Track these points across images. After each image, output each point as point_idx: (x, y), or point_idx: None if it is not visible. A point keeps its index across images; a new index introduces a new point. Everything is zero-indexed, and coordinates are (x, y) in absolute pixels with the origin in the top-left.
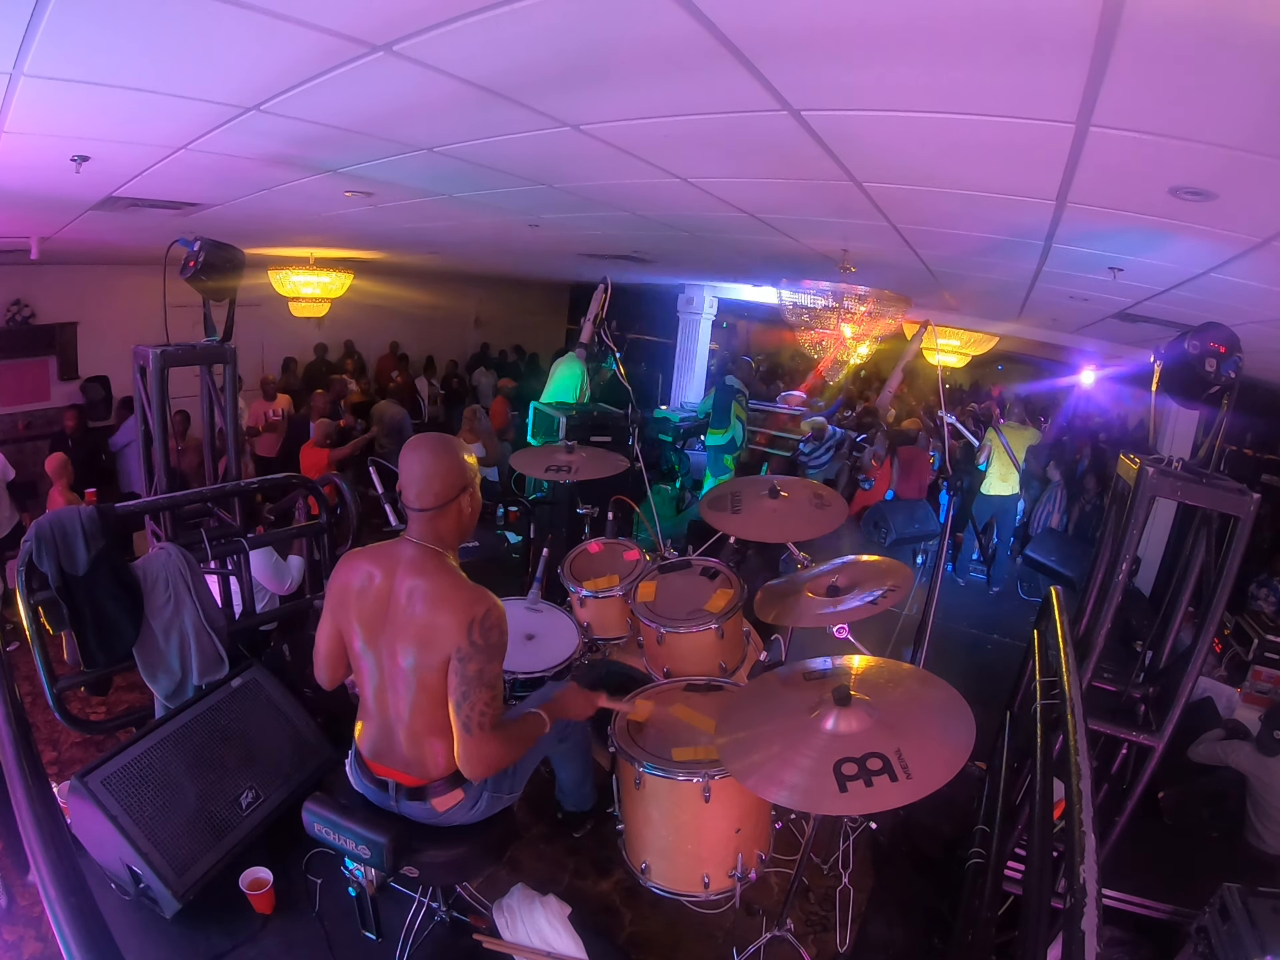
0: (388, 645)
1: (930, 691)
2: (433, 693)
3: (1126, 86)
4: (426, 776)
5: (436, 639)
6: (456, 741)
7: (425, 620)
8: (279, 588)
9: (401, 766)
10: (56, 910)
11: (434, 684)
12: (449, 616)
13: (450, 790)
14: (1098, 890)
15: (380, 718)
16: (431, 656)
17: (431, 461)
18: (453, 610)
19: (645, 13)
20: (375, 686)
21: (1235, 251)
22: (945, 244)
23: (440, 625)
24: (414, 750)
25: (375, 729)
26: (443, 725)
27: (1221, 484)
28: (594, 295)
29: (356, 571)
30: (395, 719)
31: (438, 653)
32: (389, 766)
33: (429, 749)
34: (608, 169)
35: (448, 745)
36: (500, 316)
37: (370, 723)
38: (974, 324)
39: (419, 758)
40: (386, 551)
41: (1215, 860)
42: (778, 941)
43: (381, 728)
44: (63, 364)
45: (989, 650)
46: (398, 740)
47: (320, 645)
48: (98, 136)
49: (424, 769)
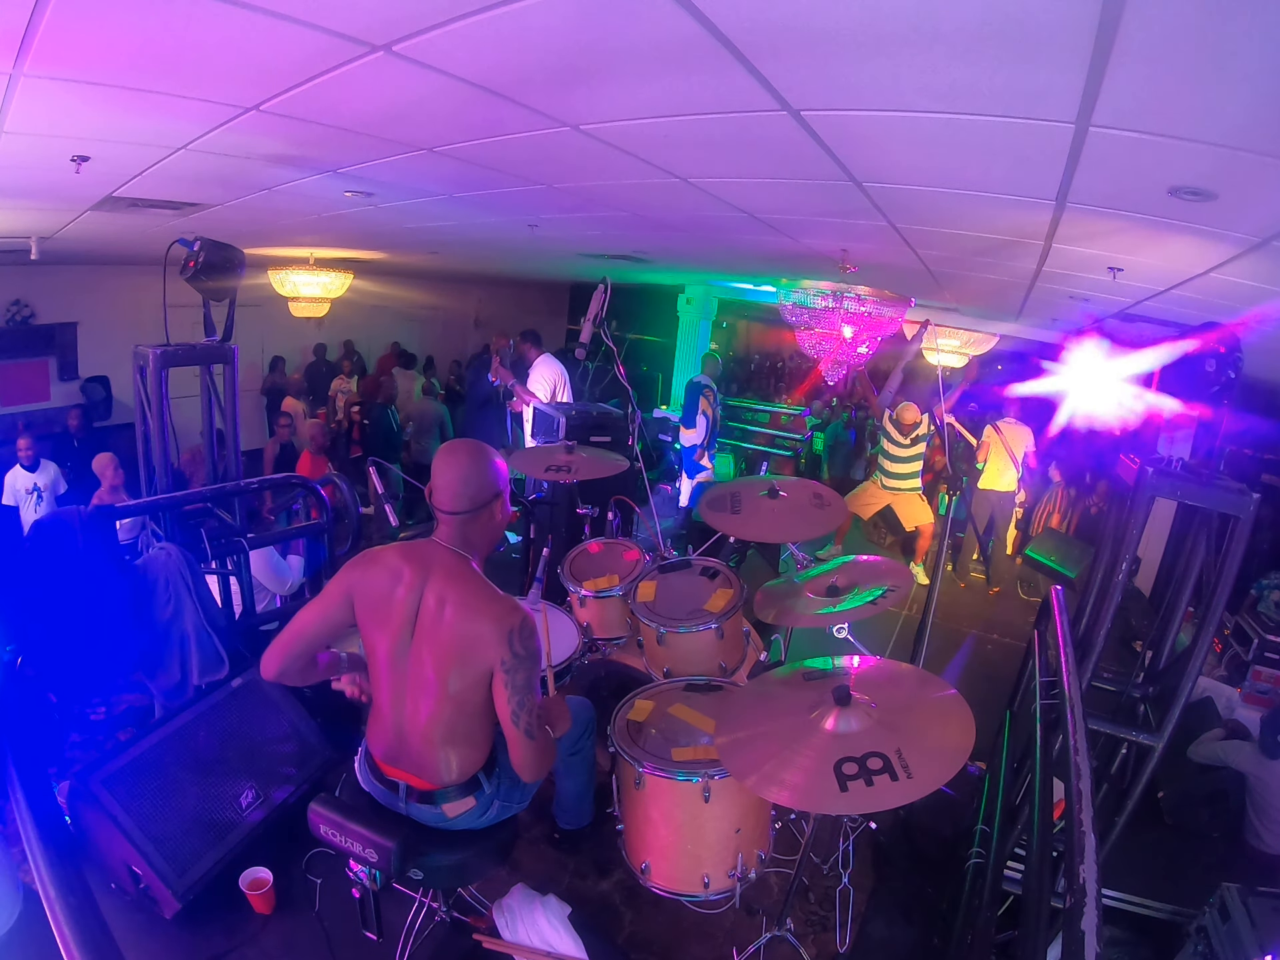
0: (415, 653)
1: (930, 691)
2: (459, 703)
3: (1126, 86)
4: (439, 782)
5: (475, 651)
6: (519, 749)
7: (460, 631)
8: (280, 588)
9: (414, 770)
10: (56, 910)
11: (463, 695)
12: (487, 627)
13: (462, 798)
14: (1098, 890)
15: (395, 723)
16: (468, 668)
17: (468, 466)
18: (490, 621)
19: (645, 13)
20: (394, 692)
21: (1235, 251)
22: (945, 244)
23: (478, 636)
24: (429, 757)
25: (389, 733)
26: (462, 734)
27: (1221, 484)
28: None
29: (383, 570)
30: (412, 726)
31: (476, 665)
32: (401, 769)
33: (445, 757)
34: (607, 169)
35: (464, 753)
36: (500, 316)
37: (383, 726)
38: (974, 324)
39: (434, 764)
40: (415, 552)
41: (1215, 860)
42: (778, 941)
43: (396, 733)
44: (63, 364)
45: (989, 650)
46: (412, 746)
47: (296, 632)
48: (98, 136)
49: (438, 775)
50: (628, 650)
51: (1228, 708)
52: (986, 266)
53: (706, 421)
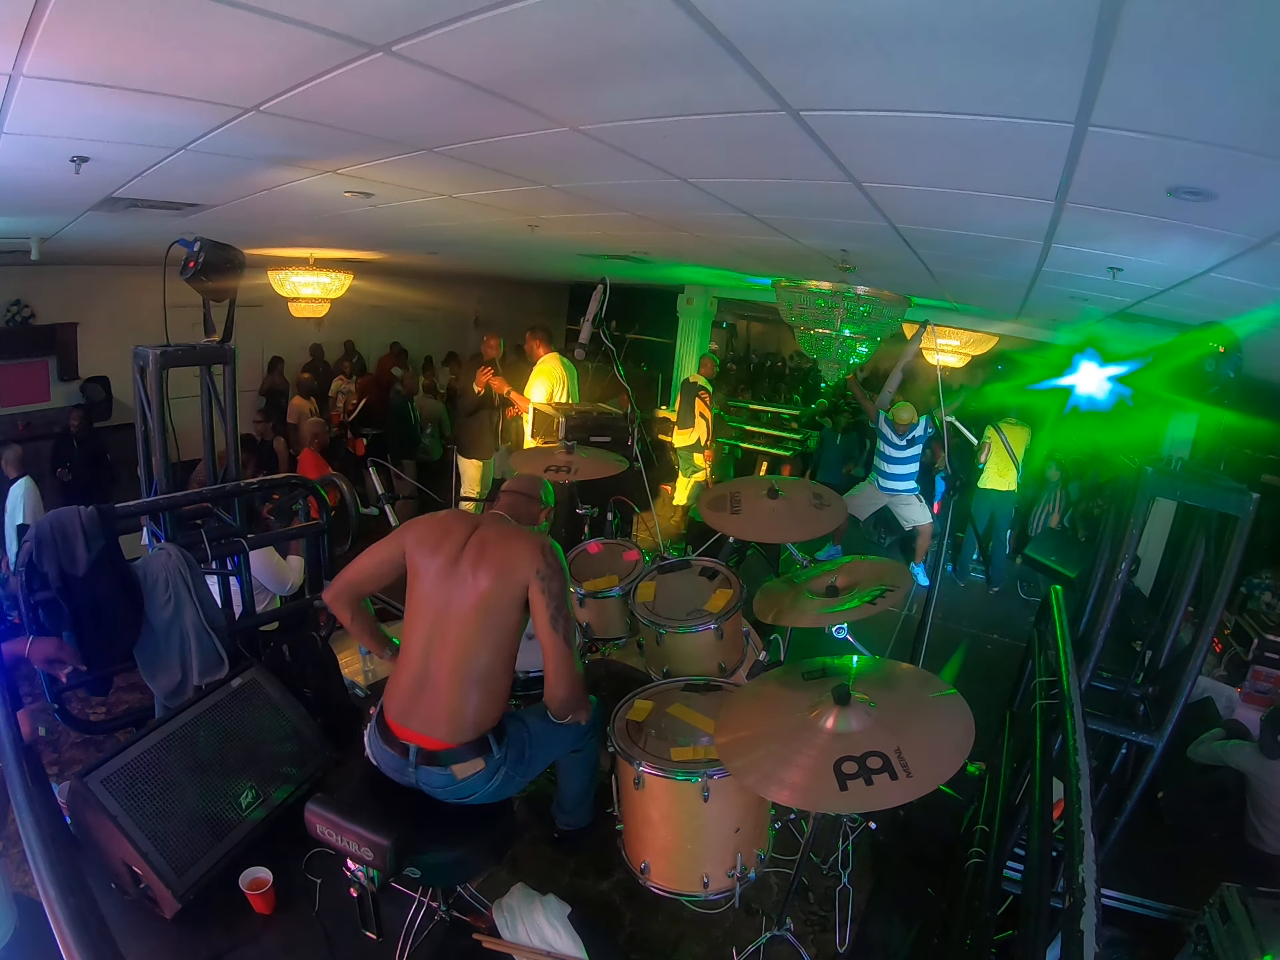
0: (461, 578)
1: (930, 691)
2: (489, 633)
3: (1125, 86)
4: (452, 739)
5: (513, 565)
6: (555, 658)
7: (500, 553)
8: (280, 588)
9: (426, 728)
10: (56, 910)
11: (494, 622)
12: (522, 546)
13: (472, 758)
14: (1097, 890)
15: (422, 665)
16: (508, 582)
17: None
18: (525, 543)
19: (644, 12)
20: (431, 627)
21: (1235, 251)
22: (945, 244)
23: (515, 553)
24: (448, 701)
25: (411, 681)
26: (484, 677)
27: (1221, 484)
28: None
29: (437, 520)
30: (439, 664)
31: (515, 577)
32: (414, 729)
33: (466, 702)
34: (607, 169)
35: (482, 702)
36: (500, 316)
37: (407, 674)
38: (974, 324)
39: (450, 711)
40: (468, 514)
41: (1215, 860)
42: (777, 941)
43: (419, 679)
44: (63, 364)
45: (989, 650)
46: (433, 690)
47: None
48: (98, 137)
49: (452, 729)
50: (628, 650)
51: (1228, 708)
52: (986, 266)
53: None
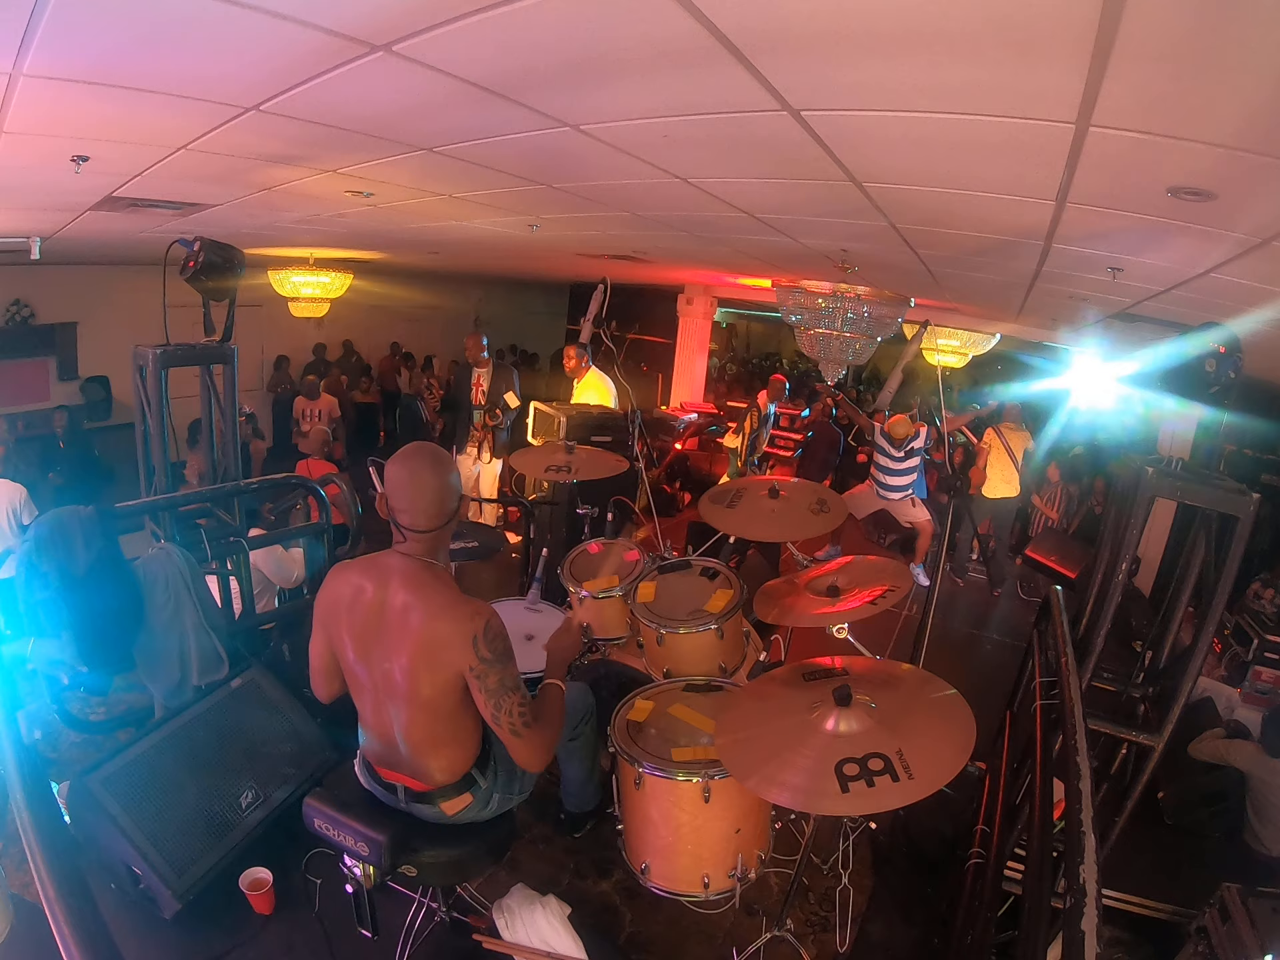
0: (382, 660)
1: (930, 691)
2: (432, 708)
3: (1126, 86)
4: (433, 783)
5: (439, 655)
6: (509, 748)
7: (424, 635)
8: (285, 582)
9: (408, 773)
10: (56, 910)
11: (434, 699)
12: (449, 629)
13: (459, 795)
14: (1098, 890)
15: (379, 730)
16: (435, 673)
17: (437, 481)
18: (452, 623)
19: (644, 12)
20: (372, 701)
21: (1235, 251)
22: (945, 244)
23: (441, 640)
24: (418, 761)
25: (376, 741)
26: (443, 737)
27: (1221, 484)
28: (593, 295)
29: (345, 584)
30: (394, 732)
31: (442, 669)
32: (396, 772)
33: (432, 760)
34: (607, 169)
35: (450, 755)
36: (500, 316)
37: (370, 734)
38: (974, 324)
39: (424, 768)
40: (376, 564)
41: (1215, 860)
42: (777, 941)
43: (382, 740)
44: (63, 364)
45: (989, 650)
46: (400, 751)
47: (314, 660)
48: (98, 136)
49: (430, 777)
50: (628, 650)
51: (1228, 708)
52: (986, 266)
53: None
